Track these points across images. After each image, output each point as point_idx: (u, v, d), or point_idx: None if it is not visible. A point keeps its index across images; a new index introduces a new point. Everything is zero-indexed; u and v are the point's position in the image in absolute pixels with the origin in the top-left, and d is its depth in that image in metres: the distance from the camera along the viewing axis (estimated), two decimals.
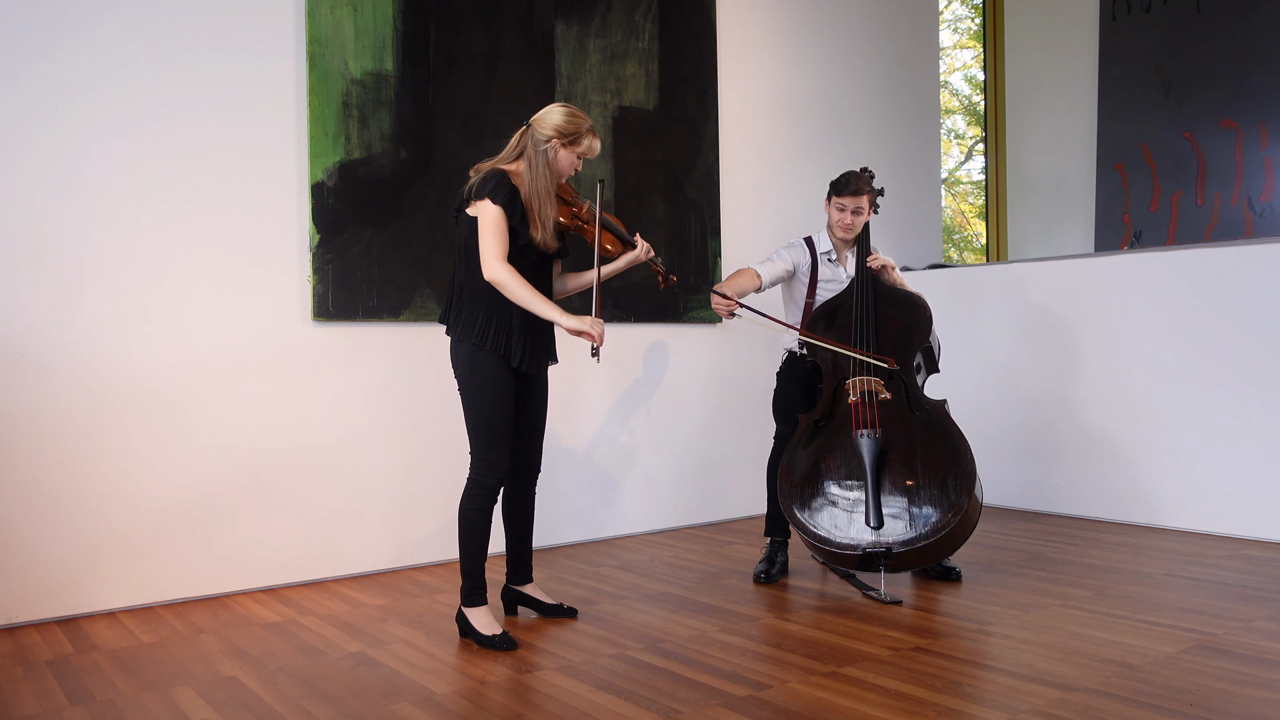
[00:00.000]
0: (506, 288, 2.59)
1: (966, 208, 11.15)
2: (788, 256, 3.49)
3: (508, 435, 2.70)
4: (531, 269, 2.71)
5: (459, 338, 2.68)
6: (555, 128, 2.67)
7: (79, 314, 3.07)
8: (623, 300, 4.26)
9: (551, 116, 2.69)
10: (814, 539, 3.09)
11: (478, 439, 2.68)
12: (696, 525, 4.50)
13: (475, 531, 2.69)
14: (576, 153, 2.73)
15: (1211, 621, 2.73)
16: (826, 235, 3.53)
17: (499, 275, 2.58)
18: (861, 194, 3.40)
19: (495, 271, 2.58)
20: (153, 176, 3.20)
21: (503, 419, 2.68)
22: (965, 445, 3.11)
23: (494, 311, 2.66)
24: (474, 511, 2.69)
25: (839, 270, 3.53)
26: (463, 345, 2.67)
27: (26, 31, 3.01)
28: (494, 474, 2.68)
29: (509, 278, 2.58)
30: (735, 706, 2.17)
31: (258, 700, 2.28)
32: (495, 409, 2.66)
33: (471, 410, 2.67)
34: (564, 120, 2.68)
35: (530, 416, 2.85)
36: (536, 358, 2.76)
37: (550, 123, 2.68)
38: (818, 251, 3.51)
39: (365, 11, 3.59)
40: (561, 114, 2.70)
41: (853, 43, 5.23)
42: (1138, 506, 4.23)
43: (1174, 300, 4.11)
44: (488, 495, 2.69)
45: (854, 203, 3.40)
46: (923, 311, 3.37)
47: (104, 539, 3.09)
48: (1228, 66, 5.21)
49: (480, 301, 2.66)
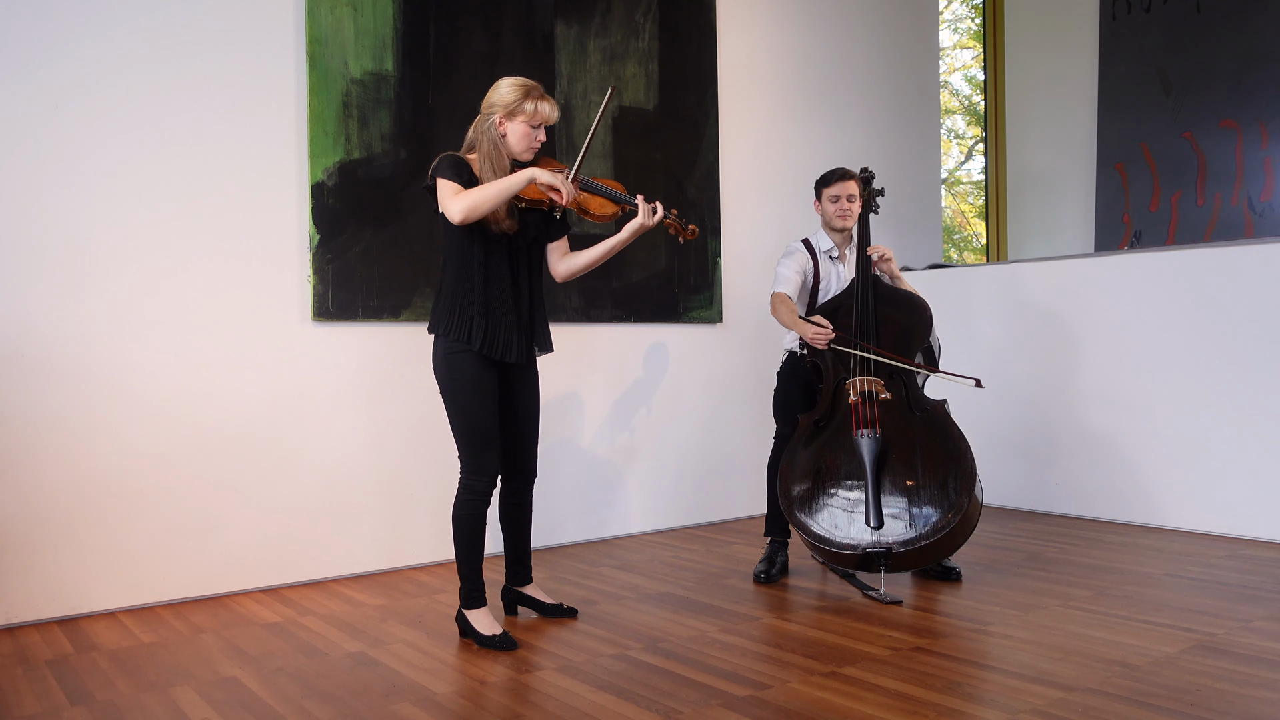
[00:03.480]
0: (476, 203, 2.44)
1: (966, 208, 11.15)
2: (795, 265, 3.45)
3: (493, 437, 2.65)
4: (506, 258, 2.63)
5: (435, 331, 2.63)
6: (492, 103, 2.61)
7: (79, 314, 3.07)
8: (623, 300, 4.26)
9: (492, 94, 2.62)
10: (814, 539, 3.09)
11: (463, 442, 2.63)
12: (696, 525, 4.50)
13: (469, 536, 2.67)
14: (523, 121, 2.59)
15: (1211, 621, 2.73)
16: (824, 235, 3.53)
17: (463, 202, 2.43)
18: (849, 179, 3.43)
19: (458, 205, 2.43)
20: (152, 176, 3.20)
21: (486, 421, 2.62)
22: (965, 445, 3.11)
23: (459, 299, 2.59)
24: (467, 516, 2.66)
25: (840, 268, 3.53)
26: (440, 345, 2.63)
27: (26, 31, 3.01)
28: (483, 477, 2.64)
29: (469, 194, 2.45)
30: (735, 706, 2.17)
31: (258, 700, 2.28)
32: (477, 411, 2.60)
33: (454, 413, 2.62)
34: (505, 92, 2.59)
35: (518, 418, 2.78)
36: (520, 346, 2.66)
37: (490, 100, 2.62)
38: (818, 250, 3.51)
39: (365, 11, 3.59)
40: (502, 86, 2.60)
41: (853, 43, 5.23)
42: (1138, 506, 4.23)
43: (1174, 300, 4.11)
44: (479, 499, 2.66)
45: (845, 189, 3.42)
46: (923, 312, 3.36)
47: (104, 539, 3.09)
48: (1228, 66, 5.20)
49: (452, 292, 2.60)
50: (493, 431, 2.65)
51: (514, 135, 2.62)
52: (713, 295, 4.55)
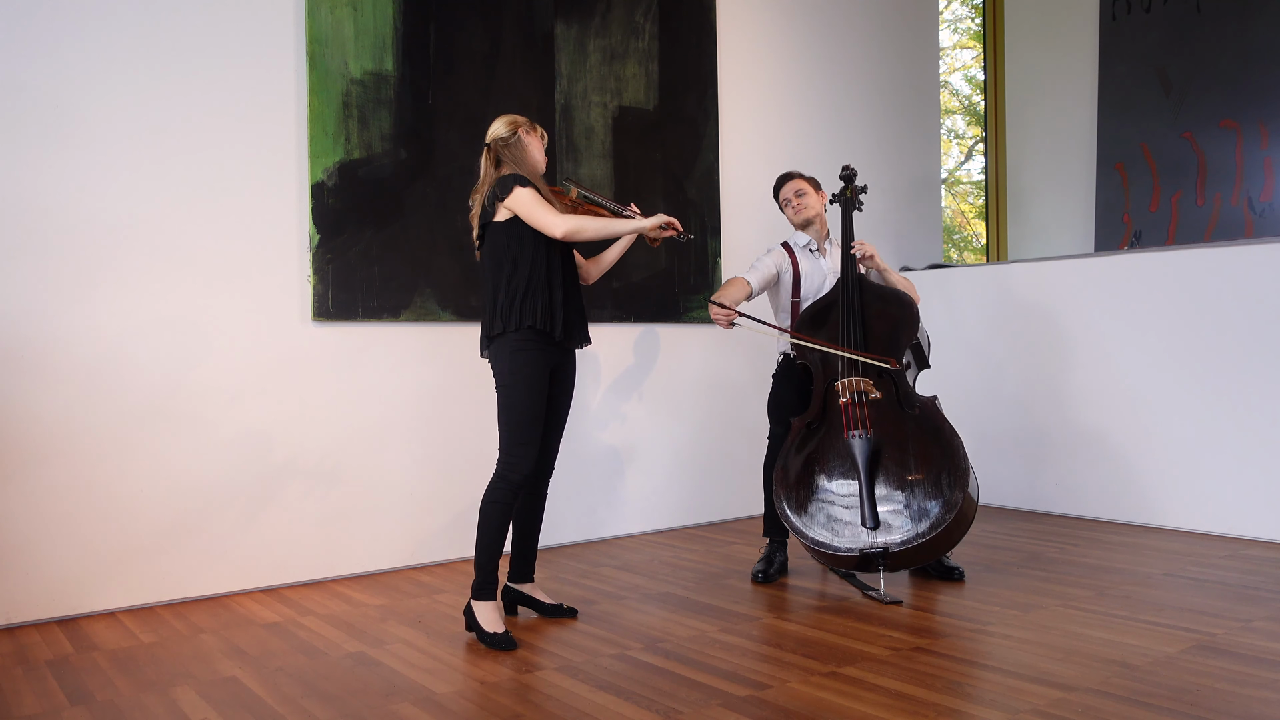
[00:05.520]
0: (583, 228, 2.69)
1: (966, 208, 11.15)
2: (769, 261, 3.53)
3: (538, 435, 2.75)
4: (561, 260, 2.81)
5: (497, 332, 2.73)
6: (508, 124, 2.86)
7: (78, 314, 3.07)
8: (623, 300, 4.26)
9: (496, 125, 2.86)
10: (811, 543, 3.09)
11: (509, 435, 2.72)
12: (696, 525, 4.50)
13: (494, 525, 2.72)
14: (538, 138, 2.89)
15: (1211, 621, 2.73)
16: (799, 233, 3.59)
17: (570, 223, 2.67)
18: (793, 178, 3.56)
19: (564, 223, 2.67)
20: (152, 176, 3.20)
21: (536, 416, 2.74)
22: (958, 441, 3.10)
23: (530, 290, 2.72)
24: (495, 505, 2.72)
25: (820, 261, 3.54)
26: (505, 343, 2.72)
27: (27, 31, 3.01)
28: (520, 470, 2.72)
29: (579, 219, 2.69)
30: (735, 706, 2.17)
31: (258, 700, 2.28)
32: (530, 408, 2.72)
33: (507, 407, 2.72)
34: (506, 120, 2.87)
35: (555, 411, 2.91)
36: (579, 333, 2.86)
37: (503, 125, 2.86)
38: (796, 247, 3.54)
39: (365, 11, 3.59)
40: (502, 119, 2.88)
41: (853, 43, 5.23)
42: (1137, 506, 4.23)
43: (1174, 300, 4.11)
44: (512, 491, 2.73)
45: (791, 188, 3.55)
46: (909, 307, 3.35)
47: (104, 539, 3.09)
48: (1228, 66, 5.21)
49: (523, 287, 2.72)
50: (539, 429, 2.75)
51: (531, 148, 2.87)
52: (712, 295, 4.55)
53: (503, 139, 2.82)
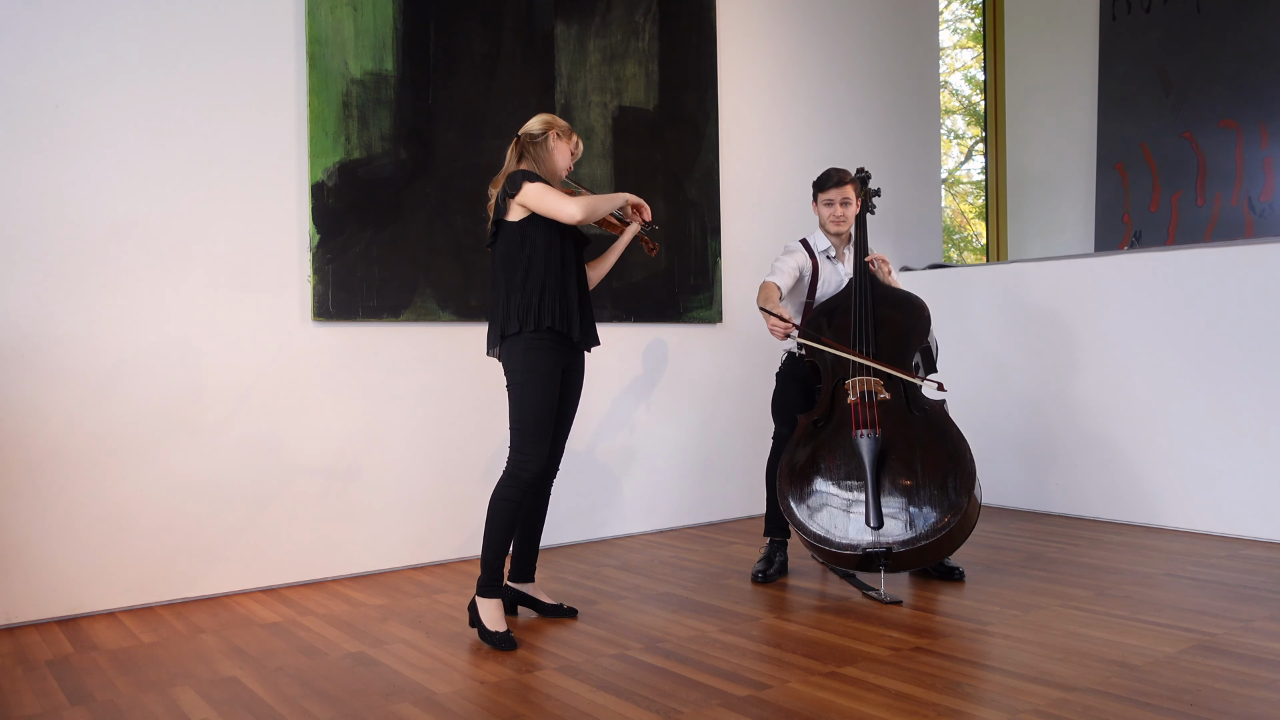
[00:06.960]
0: (595, 207, 2.73)
1: (966, 208, 11.15)
2: (792, 263, 3.48)
3: (549, 435, 2.77)
4: (575, 259, 2.83)
5: (513, 331, 2.72)
6: (543, 123, 2.88)
7: (78, 314, 3.07)
8: (623, 300, 4.26)
9: (533, 121, 2.89)
10: (813, 539, 3.09)
11: (521, 433, 2.73)
12: (696, 525, 4.50)
13: (503, 522, 2.73)
14: (569, 146, 2.90)
15: (1211, 621, 2.73)
16: (821, 235, 3.54)
17: (579, 206, 2.68)
18: (845, 184, 3.45)
19: (574, 206, 2.68)
20: (152, 176, 3.20)
21: (548, 415, 2.75)
22: (965, 445, 3.11)
23: (545, 289, 2.73)
24: (505, 503, 2.72)
25: (839, 267, 3.54)
26: (519, 342, 2.72)
27: (27, 31, 3.01)
28: (530, 469, 2.73)
29: (588, 200, 2.72)
30: (735, 706, 2.17)
31: (258, 700, 2.28)
32: (542, 407, 2.73)
33: (519, 405, 2.73)
34: (544, 119, 2.91)
35: (563, 412, 2.91)
36: (590, 334, 2.87)
37: (538, 123, 2.89)
38: (816, 251, 3.52)
39: (365, 11, 3.59)
40: (541, 117, 2.91)
41: (853, 43, 5.23)
42: (1137, 506, 4.23)
43: (1174, 300, 4.11)
44: (522, 489, 2.73)
45: (839, 194, 3.45)
46: (921, 312, 3.37)
47: (104, 539, 3.09)
48: (1228, 66, 5.21)
49: (539, 286, 2.72)
50: (550, 429, 2.77)
51: (557, 152, 2.90)
52: (713, 295, 4.55)
53: (532, 135, 2.84)
